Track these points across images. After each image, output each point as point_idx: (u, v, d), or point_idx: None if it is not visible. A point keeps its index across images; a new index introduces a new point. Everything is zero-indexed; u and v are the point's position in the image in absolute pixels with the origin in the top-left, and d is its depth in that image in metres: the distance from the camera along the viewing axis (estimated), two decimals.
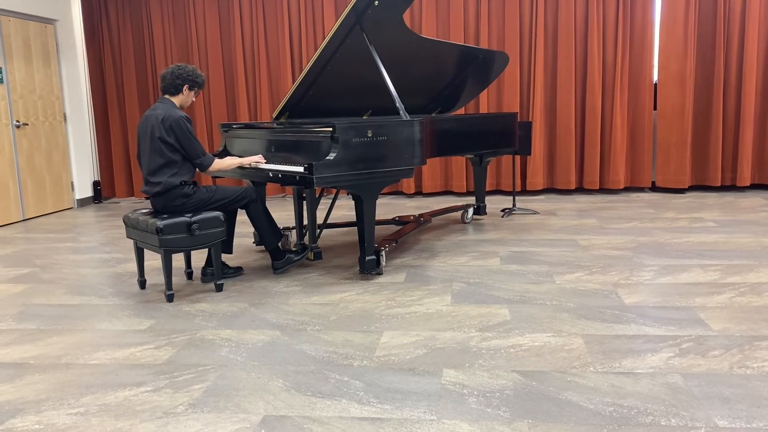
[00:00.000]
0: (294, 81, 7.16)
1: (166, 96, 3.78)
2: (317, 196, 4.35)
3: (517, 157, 7.01)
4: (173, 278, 3.85)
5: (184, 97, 3.80)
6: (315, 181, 3.52)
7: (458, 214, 5.95)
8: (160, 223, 3.49)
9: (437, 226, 5.48)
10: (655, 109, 6.88)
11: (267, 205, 4.30)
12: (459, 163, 7.13)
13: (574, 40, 6.78)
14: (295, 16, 7.19)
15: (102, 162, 7.82)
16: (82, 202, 7.45)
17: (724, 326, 2.93)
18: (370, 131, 3.71)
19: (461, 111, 6.55)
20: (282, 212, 6.44)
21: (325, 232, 5.41)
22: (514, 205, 6.00)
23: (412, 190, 7.29)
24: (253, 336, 3.03)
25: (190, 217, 3.59)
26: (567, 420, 2.15)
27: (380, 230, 5.20)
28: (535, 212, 5.96)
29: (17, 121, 6.47)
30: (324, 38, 4.10)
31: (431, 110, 5.49)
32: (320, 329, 3.09)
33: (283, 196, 7.61)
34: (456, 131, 4.56)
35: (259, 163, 3.95)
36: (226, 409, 2.32)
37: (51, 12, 6.93)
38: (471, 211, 5.63)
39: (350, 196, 4.19)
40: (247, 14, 7.27)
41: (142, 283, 3.89)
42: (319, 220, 4.84)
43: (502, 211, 6.01)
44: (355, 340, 2.93)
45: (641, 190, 7.12)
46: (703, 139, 6.84)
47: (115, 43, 7.59)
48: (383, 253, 3.99)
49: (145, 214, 3.70)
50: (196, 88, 3.83)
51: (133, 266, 4.43)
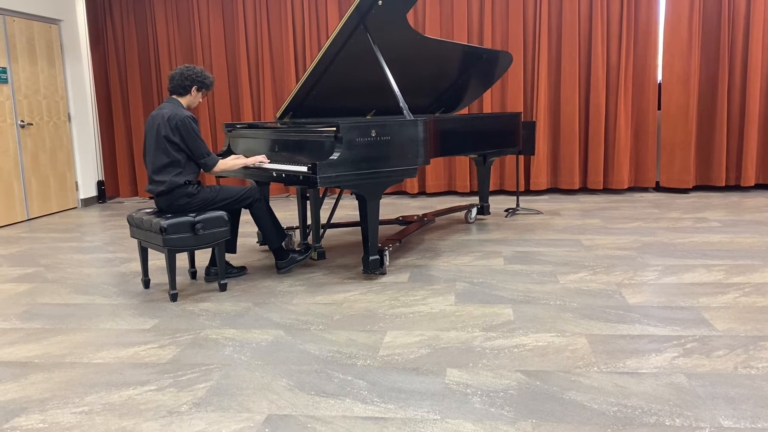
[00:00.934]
0: (298, 81, 7.13)
1: (174, 96, 3.79)
2: (321, 195, 4.35)
3: (521, 157, 7.00)
4: (177, 277, 3.85)
5: (192, 98, 3.82)
6: (318, 180, 3.52)
7: (462, 214, 5.95)
8: (164, 222, 3.49)
9: (441, 226, 5.47)
10: (659, 108, 6.86)
11: (271, 204, 4.31)
12: (462, 163, 7.13)
13: (578, 40, 6.77)
14: (299, 17, 7.19)
15: (106, 162, 7.84)
16: (86, 202, 7.46)
17: (729, 326, 2.93)
18: (373, 131, 3.71)
19: (465, 111, 6.55)
20: (286, 212, 6.45)
21: (329, 231, 5.42)
22: (517, 205, 6.00)
23: (416, 190, 7.29)
24: (256, 335, 3.04)
25: (194, 217, 3.59)
26: (571, 420, 2.14)
27: (384, 230, 5.20)
28: (539, 212, 5.95)
29: (22, 120, 6.49)
30: (327, 38, 4.10)
31: (435, 110, 5.49)
32: (324, 329, 3.09)
33: (287, 196, 7.61)
34: (460, 131, 4.56)
35: (263, 163, 3.96)
36: (229, 408, 2.32)
37: (55, 12, 6.95)
38: (474, 210, 5.63)
39: (354, 195, 4.19)
40: (251, 14, 7.28)
41: (146, 283, 3.90)
42: (323, 219, 4.84)
43: (506, 211, 6.01)
44: (358, 339, 2.93)
45: (645, 190, 7.11)
46: (708, 139, 6.82)
47: (120, 43, 7.61)
48: (387, 252, 3.99)
49: (149, 213, 3.71)
50: (204, 90, 3.84)
51: (137, 266, 4.43)
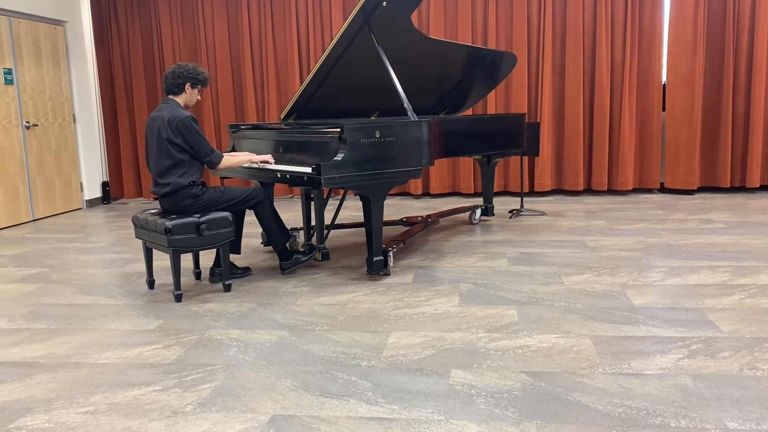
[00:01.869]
0: (302, 82, 7.17)
1: (170, 96, 3.77)
2: (325, 196, 4.36)
3: (525, 158, 6.99)
4: (182, 278, 3.86)
5: (188, 96, 3.79)
6: (323, 181, 3.53)
7: (466, 215, 5.95)
8: (169, 223, 3.50)
9: (445, 227, 5.47)
10: (663, 109, 6.84)
11: (275, 205, 4.31)
12: (467, 164, 7.12)
13: (582, 41, 6.76)
14: (303, 17, 7.20)
15: (111, 163, 7.86)
16: (91, 203, 7.49)
17: (734, 328, 2.92)
18: (378, 132, 3.71)
19: (469, 112, 6.55)
20: (290, 213, 6.45)
21: (333, 232, 5.42)
22: (521, 206, 5.99)
23: (420, 191, 7.29)
24: (261, 336, 3.04)
25: (199, 218, 3.60)
26: (575, 421, 2.14)
27: (388, 231, 5.20)
28: (543, 213, 5.95)
29: (27, 122, 6.51)
30: (332, 39, 4.10)
31: (439, 111, 5.49)
32: (328, 329, 3.09)
33: (291, 197, 7.62)
34: (464, 132, 4.56)
35: (268, 163, 3.96)
36: (234, 408, 2.33)
37: (61, 14, 6.98)
38: (479, 212, 5.63)
39: (358, 196, 4.20)
40: (255, 15, 7.30)
41: (151, 283, 3.91)
42: (327, 220, 4.85)
43: (510, 212, 6.00)
44: (363, 340, 2.93)
45: (650, 191, 7.09)
46: (713, 140, 6.80)
47: (124, 44, 7.63)
48: (391, 253, 3.99)
49: (153, 214, 3.72)
50: (199, 86, 3.80)
51: (142, 266, 4.44)
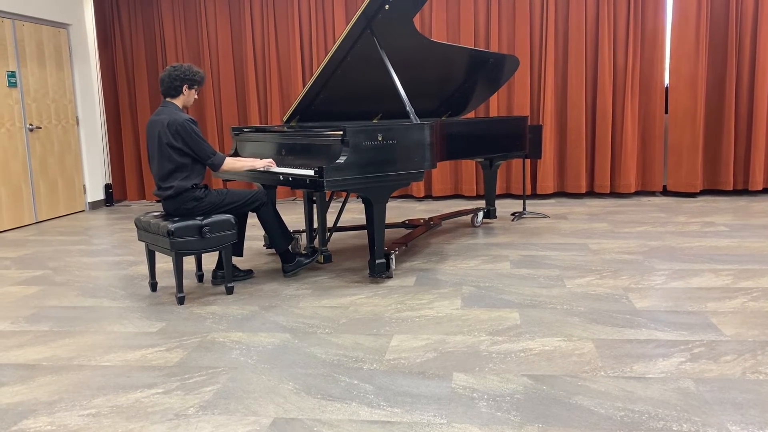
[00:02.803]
0: (304, 85, 7.17)
1: (168, 99, 3.77)
2: (327, 199, 4.36)
3: (528, 161, 6.99)
4: (184, 281, 3.86)
5: (186, 97, 3.78)
6: (325, 184, 3.53)
7: (468, 217, 5.94)
8: (172, 226, 3.51)
9: (447, 230, 5.47)
10: (666, 112, 6.83)
11: (277, 208, 4.32)
12: (469, 167, 7.12)
13: (584, 44, 6.76)
14: (306, 20, 7.21)
15: (114, 165, 7.88)
16: (94, 205, 7.50)
17: (737, 331, 2.91)
18: (380, 135, 3.72)
19: (471, 114, 6.55)
20: (292, 215, 6.46)
21: (335, 235, 5.42)
22: (524, 208, 5.99)
23: (422, 194, 7.29)
24: (263, 339, 3.04)
25: (202, 220, 3.61)
26: (577, 424, 2.14)
27: (390, 233, 5.19)
28: (546, 216, 5.94)
29: (30, 124, 6.53)
30: (334, 42, 4.11)
31: (441, 114, 5.49)
32: (330, 332, 3.09)
33: (294, 200, 7.63)
34: (466, 135, 4.56)
35: (270, 167, 3.97)
36: (236, 411, 2.33)
37: (64, 17, 7.00)
38: (481, 214, 5.63)
39: (360, 199, 4.20)
40: (258, 18, 7.31)
41: (154, 286, 3.92)
42: (329, 223, 4.85)
43: (513, 214, 6.00)
44: (365, 343, 2.94)
45: (652, 194, 7.08)
46: (715, 142, 6.79)
47: (128, 47, 7.65)
48: (393, 256, 3.99)
49: (156, 216, 3.73)
50: (195, 86, 3.79)
51: (145, 269, 4.45)
